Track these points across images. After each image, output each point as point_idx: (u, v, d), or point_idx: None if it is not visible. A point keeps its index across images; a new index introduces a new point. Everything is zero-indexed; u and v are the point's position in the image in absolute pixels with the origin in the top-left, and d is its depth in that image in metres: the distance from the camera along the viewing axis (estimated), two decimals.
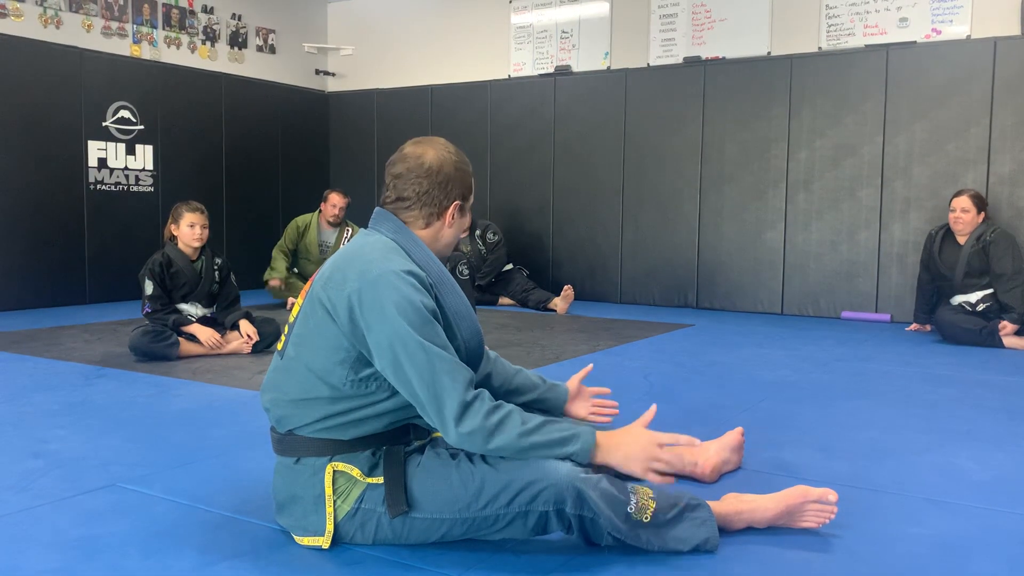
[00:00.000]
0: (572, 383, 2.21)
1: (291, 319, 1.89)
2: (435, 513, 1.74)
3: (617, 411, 2.24)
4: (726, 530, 1.91)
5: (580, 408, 2.20)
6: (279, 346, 1.90)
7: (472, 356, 1.86)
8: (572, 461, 1.71)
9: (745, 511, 1.92)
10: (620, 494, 1.73)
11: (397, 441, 1.82)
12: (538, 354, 4.36)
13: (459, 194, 1.90)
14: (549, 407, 2.15)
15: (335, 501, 1.78)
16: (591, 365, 2.29)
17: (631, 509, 1.73)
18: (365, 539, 1.80)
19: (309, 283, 1.88)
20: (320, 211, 6.44)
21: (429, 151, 1.88)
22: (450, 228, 1.92)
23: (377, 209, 1.92)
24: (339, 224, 6.47)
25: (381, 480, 1.77)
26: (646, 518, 1.74)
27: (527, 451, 1.69)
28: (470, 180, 1.94)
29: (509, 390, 2.10)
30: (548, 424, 1.72)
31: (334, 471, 1.78)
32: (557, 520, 1.72)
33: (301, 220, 6.45)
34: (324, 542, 1.79)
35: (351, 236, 6.44)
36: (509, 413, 1.70)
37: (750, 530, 1.93)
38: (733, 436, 2.39)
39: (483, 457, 1.76)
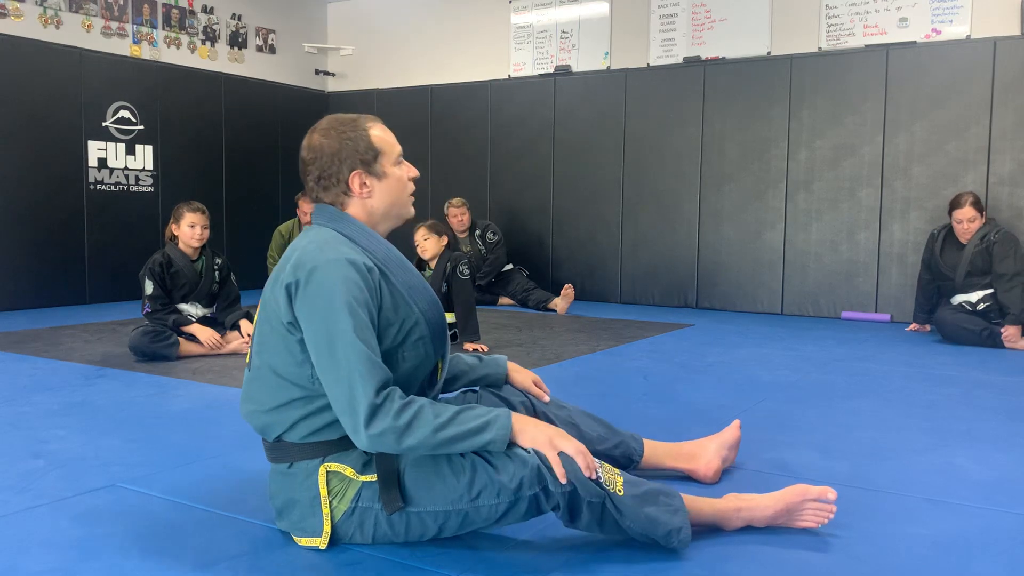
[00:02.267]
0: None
1: (252, 330, 1.89)
2: (430, 506, 1.74)
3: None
4: (724, 528, 1.92)
5: (523, 377, 2.17)
6: (247, 359, 1.90)
7: (434, 328, 1.85)
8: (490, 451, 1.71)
9: (744, 508, 1.92)
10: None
11: None
12: (538, 354, 4.36)
13: (353, 163, 1.85)
14: (492, 381, 2.14)
15: (331, 502, 1.78)
16: None
17: (601, 478, 1.74)
18: (364, 538, 1.80)
19: None
20: (297, 217, 6.47)
21: (308, 139, 1.89)
22: (373, 197, 1.87)
23: (316, 204, 1.92)
24: None
25: (375, 477, 1.76)
26: (618, 490, 1.75)
27: (443, 445, 1.67)
28: (364, 141, 1.86)
29: (448, 378, 2.09)
30: (463, 413, 1.70)
31: (327, 472, 1.78)
32: (546, 499, 1.72)
33: (284, 227, 6.51)
34: (321, 543, 1.79)
35: None
36: (420, 409, 1.67)
37: (749, 529, 1.93)
38: (731, 432, 2.36)
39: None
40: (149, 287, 4.19)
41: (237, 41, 7.61)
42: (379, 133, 1.90)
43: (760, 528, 1.94)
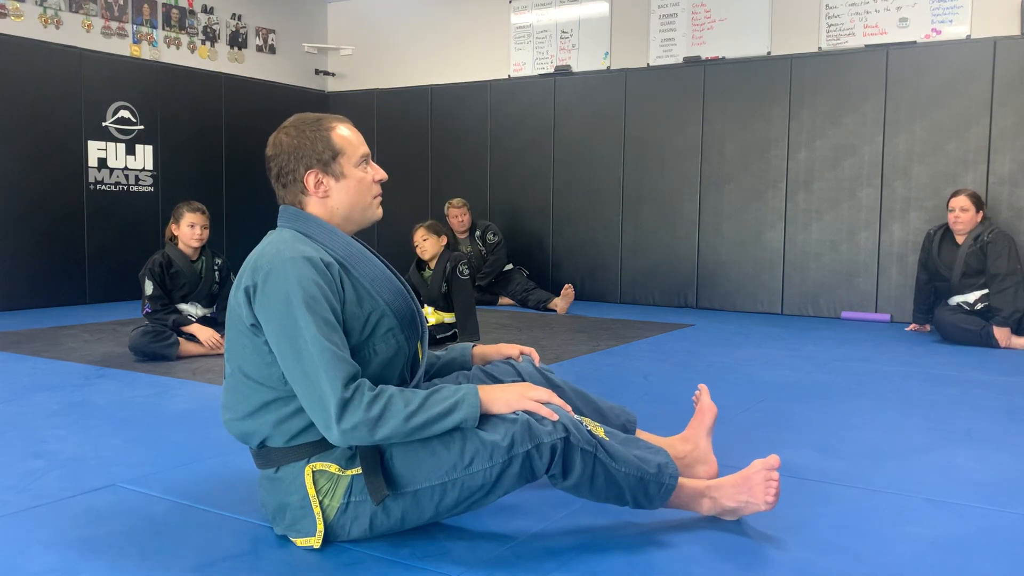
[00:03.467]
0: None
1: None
2: (424, 482, 1.73)
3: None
4: (694, 509, 1.96)
5: (499, 349, 2.20)
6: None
7: (402, 317, 1.84)
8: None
9: (711, 487, 1.95)
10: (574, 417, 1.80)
11: None
12: (538, 354, 4.35)
13: (309, 161, 1.84)
14: (458, 365, 2.15)
15: (322, 501, 1.78)
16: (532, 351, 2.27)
17: (588, 427, 1.78)
18: (363, 532, 1.80)
19: None
20: None
21: (273, 136, 1.89)
22: (331, 197, 1.86)
23: (281, 207, 1.92)
24: None
25: (361, 470, 1.76)
26: (603, 436, 1.80)
27: (416, 431, 1.68)
28: (323, 140, 1.85)
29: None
30: (431, 396, 1.70)
31: (313, 472, 1.78)
32: (538, 456, 1.72)
33: None
34: (315, 542, 1.79)
35: None
36: (390, 398, 1.67)
37: (747, 529, 1.93)
38: (710, 415, 2.28)
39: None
40: (149, 287, 4.19)
41: (237, 41, 7.61)
42: (343, 133, 1.88)
43: (759, 528, 1.94)
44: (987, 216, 5.03)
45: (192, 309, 4.34)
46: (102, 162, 6.44)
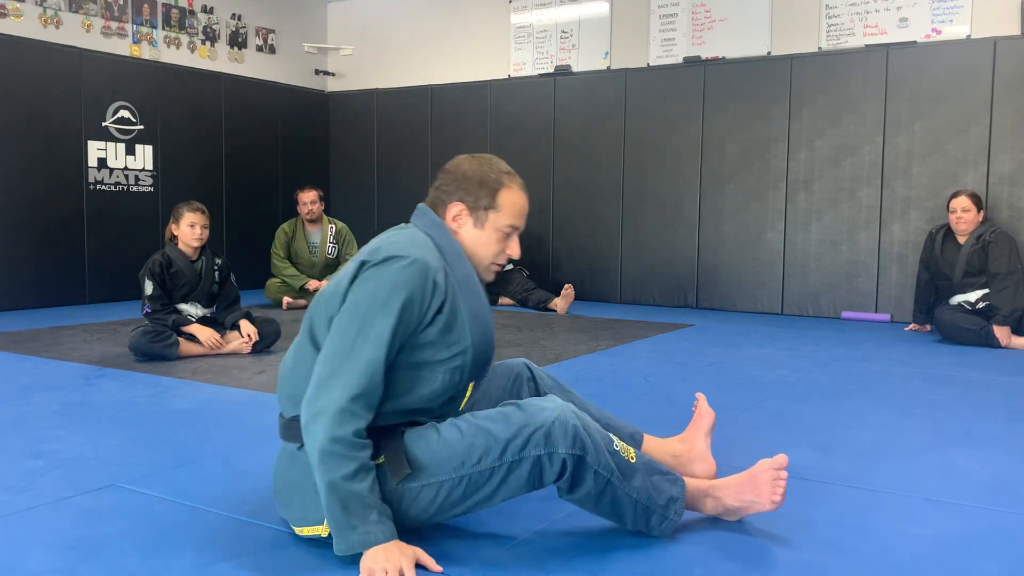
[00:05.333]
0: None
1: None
2: (432, 477, 1.73)
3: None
4: (698, 509, 1.96)
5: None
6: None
7: (478, 361, 1.85)
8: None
9: (715, 487, 1.95)
10: (603, 435, 1.78)
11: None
12: (538, 354, 4.36)
13: (464, 197, 1.88)
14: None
15: None
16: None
17: (616, 447, 1.77)
18: None
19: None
20: (299, 214, 6.47)
21: (461, 156, 1.96)
22: (460, 234, 1.89)
23: (419, 205, 1.95)
24: (319, 221, 6.49)
25: (380, 460, 1.75)
26: (631, 459, 1.79)
27: (325, 490, 1.64)
28: (490, 188, 1.88)
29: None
30: (366, 496, 1.64)
31: None
32: (548, 464, 1.71)
33: (287, 225, 6.51)
34: (324, 530, 1.78)
35: (335, 232, 6.49)
36: (352, 455, 1.64)
37: (748, 529, 1.93)
38: (708, 418, 2.29)
39: (471, 417, 1.77)
40: (149, 287, 4.19)
41: (237, 41, 7.61)
42: (510, 195, 1.91)
43: (759, 528, 1.94)
44: (987, 216, 5.03)
45: (192, 309, 4.34)
46: (102, 162, 6.44)
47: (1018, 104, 5.43)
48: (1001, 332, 4.65)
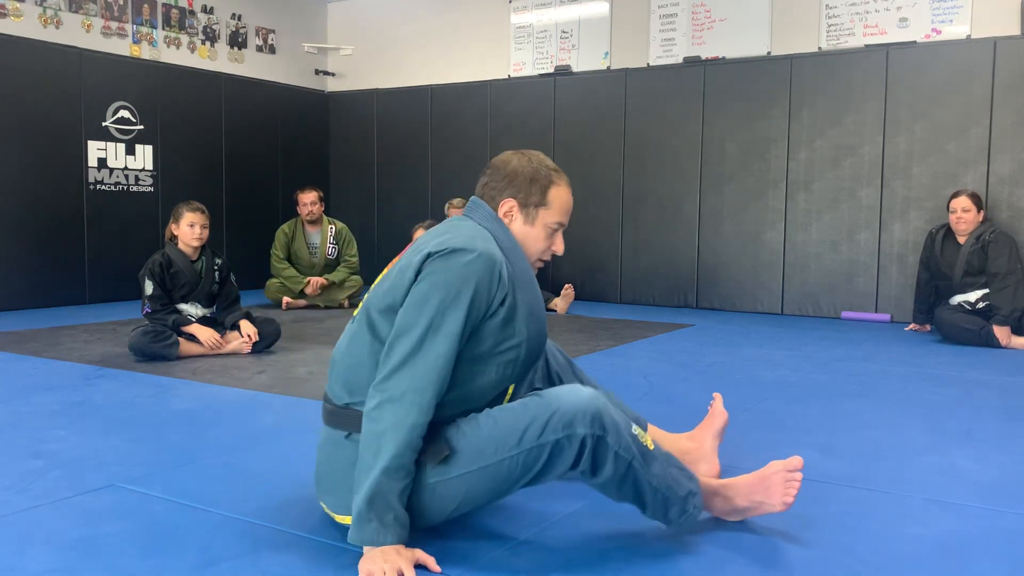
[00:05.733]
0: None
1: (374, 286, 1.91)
2: (470, 465, 1.72)
3: None
4: (707, 508, 1.95)
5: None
6: (355, 312, 1.92)
7: (531, 355, 1.87)
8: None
9: (726, 486, 1.95)
10: (622, 417, 1.77)
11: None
12: None
13: (515, 194, 1.91)
14: None
15: None
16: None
17: (635, 431, 1.78)
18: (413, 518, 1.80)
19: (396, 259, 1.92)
20: (298, 215, 6.47)
21: (508, 152, 1.97)
22: (514, 228, 1.91)
23: (472, 198, 1.97)
24: (319, 222, 6.50)
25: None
26: (650, 446, 1.79)
27: (363, 473, 1.67)
28: (541, 184, 1.91)
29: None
30: (385, 502, 1.66)
31: None
32: (568, 446, 1.70)
33: (287, 226, 6.51)
34: None
35: (335, 232, 6.49)
36: (406, 463, 1.67)
37: (749, 529, 1.93)
38: (720, 419, 2.30)
39: (491, 411, 1.78)
40: (149, 287, 4.19)
41: (237, 41, 7.61)
42: (561, 193, 1.94)
43: (760, 528, 1.94)
44: (987, 216, 5.03)
45: (192, 309, 4.34)
46: (102, 162, 6.44)
47: (1018, 104, 5.43)
48: (1001, 332, 4.65)
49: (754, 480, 1.93)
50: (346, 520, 1.81)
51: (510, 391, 1.91)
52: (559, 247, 1.98)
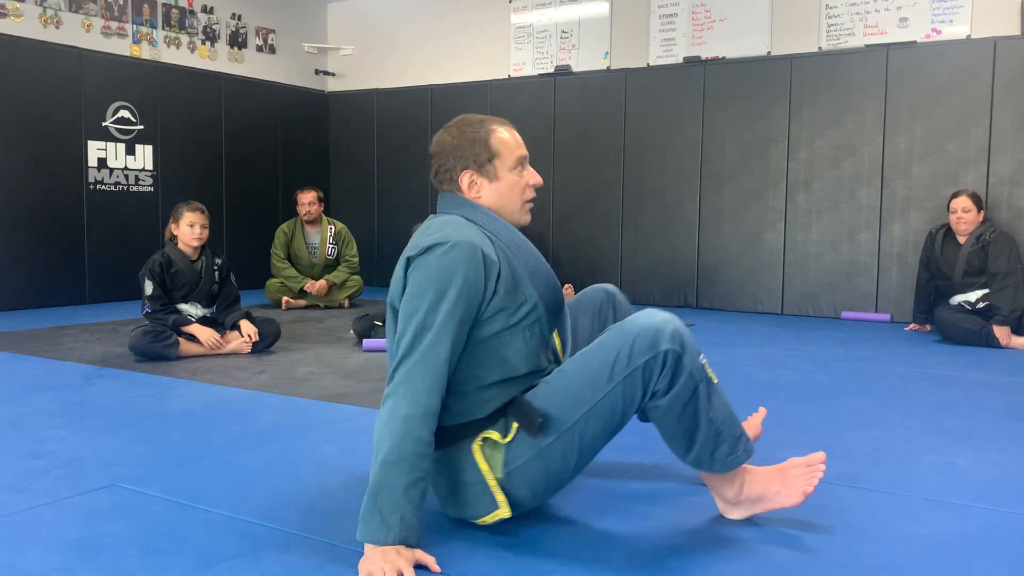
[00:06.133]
0: None
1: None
2: (562, 426, 1.76)
3: None
4: (722, 492, 1.97)
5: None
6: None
7: (551, 309, 1.89)
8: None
9: (747, 469, 1.96)
10: (696, 345, 1.81)
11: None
12: None
13: (466, 162, 1.91)
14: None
15: (495, 473, 1.82)
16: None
17: (704, 360, 1.82)
18: (526, 499, 1.84)
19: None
20: (298, 215, 6.48)
21: (437, 135, 1.98)
22: (483, 198, 1.91)
23: (439, 196, 1.98)
24: (318, 222, 6.50)
25: (515, 427, 1.80)
26: (714, 378, 1.82)
27: (380, 466, 1.68)
28: (481, 142, 1.91)
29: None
30: (389, 498, 1.66)
31: (481, 445, 1.82)
32: (656, 364, 1.73)
33: (287, 226, 6.52)
34: (504, 511, 1.81)
35: (335, 232, 6.49)
36: (416, 462, 1.68)
37: (749, 529, 1.93)
38: (752, 431, 2.30)
39: (573, 358, 1.82)
40: (149, 287, 4.19)
41: (237, 41, 7.61)
42: (502, 136, 1.94)
43: (760, 527, 1.94)
44: (987, 216, 5.03)
45: (192, 309, 4.34)
46: (102, 162, 6.44)
47: (1018, 104, 5.43)
48: (1001, 332, 4.65)
49: (773, 470, 1.96)
50: (487, 520, 1.85)
51: (557, 340, 1.96)
52: (535, 179, 1.97)
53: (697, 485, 2.25)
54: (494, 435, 1.82)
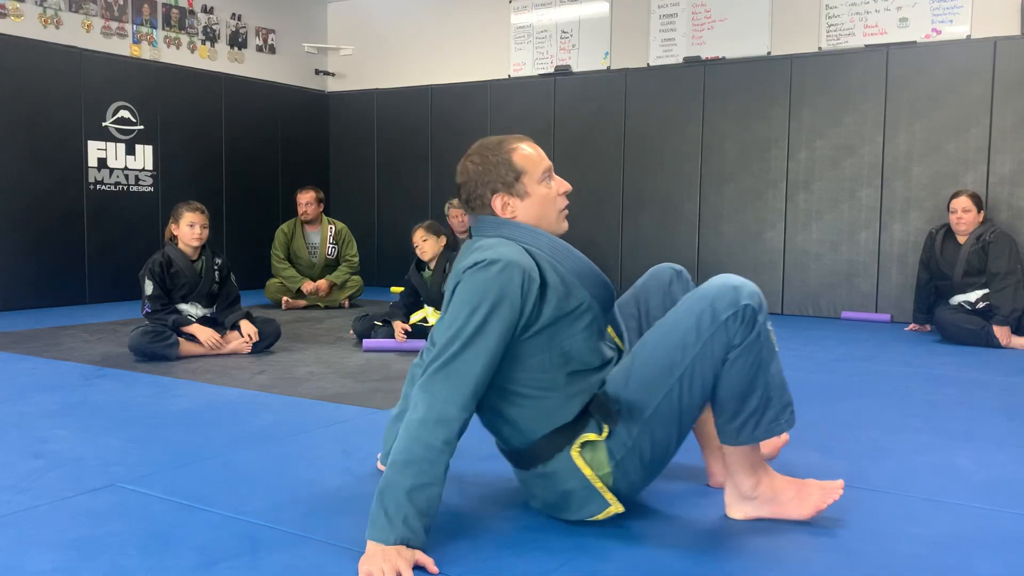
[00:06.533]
0: None
1: None
2: (649, 405, 1.80)
3: None
4: (738, 480, 1.98)
5: None
6: None
7: (603, 303, 1.91)
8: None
9: (768, 467, 1.99)
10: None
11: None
12: None
13: (495, 185, 1.93)
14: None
15: (599, 475, 1.84)
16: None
17: (771, 327, 1.85)
18: (638, 483, 1.88)
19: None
20: (298, 215, 6.49)
21: (460, 164, 2.00)
22: (518, 217, 1.93)
23: (473, 223, 2.01)
24: (318, 222, 6.50)
25: (602, 435, 1.83)
26: (775, 346, 1.86)
27: (393, 466, 1.71)
28: (505, 163, 1.93)
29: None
30: (395, 500, 1.69)
31: (580, 449, 1.84)
32: (741, 316, 1.77)
33: (286, 226, 6.52)
34: (616, 507, 1.86)
35: (335, 232, 6.49)
36: (427, 465, 1.70)
37: (749, 528, 1.93)
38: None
39: (646, 336, 1.87)
40: (149, 287, 4.19)
41: (237, 41, 7.61)
42: (524, 152, 1.95)
43: (761, 528, 1.94)
44: (987, 216, 5.03)
45: (192, 309, 4.34)
46: (102, 162, 6.44)
47: (1018, 104, 5.43)
48: (1001, 332, 4.65)
49: (792, 480, 1.99)
50: (599, 517, 1.88)
51: (615, 335, 2.00)
52: (564, 186, 2.00)
53: (699, 485, 2.25)
54: (590, 436, 1.84)
